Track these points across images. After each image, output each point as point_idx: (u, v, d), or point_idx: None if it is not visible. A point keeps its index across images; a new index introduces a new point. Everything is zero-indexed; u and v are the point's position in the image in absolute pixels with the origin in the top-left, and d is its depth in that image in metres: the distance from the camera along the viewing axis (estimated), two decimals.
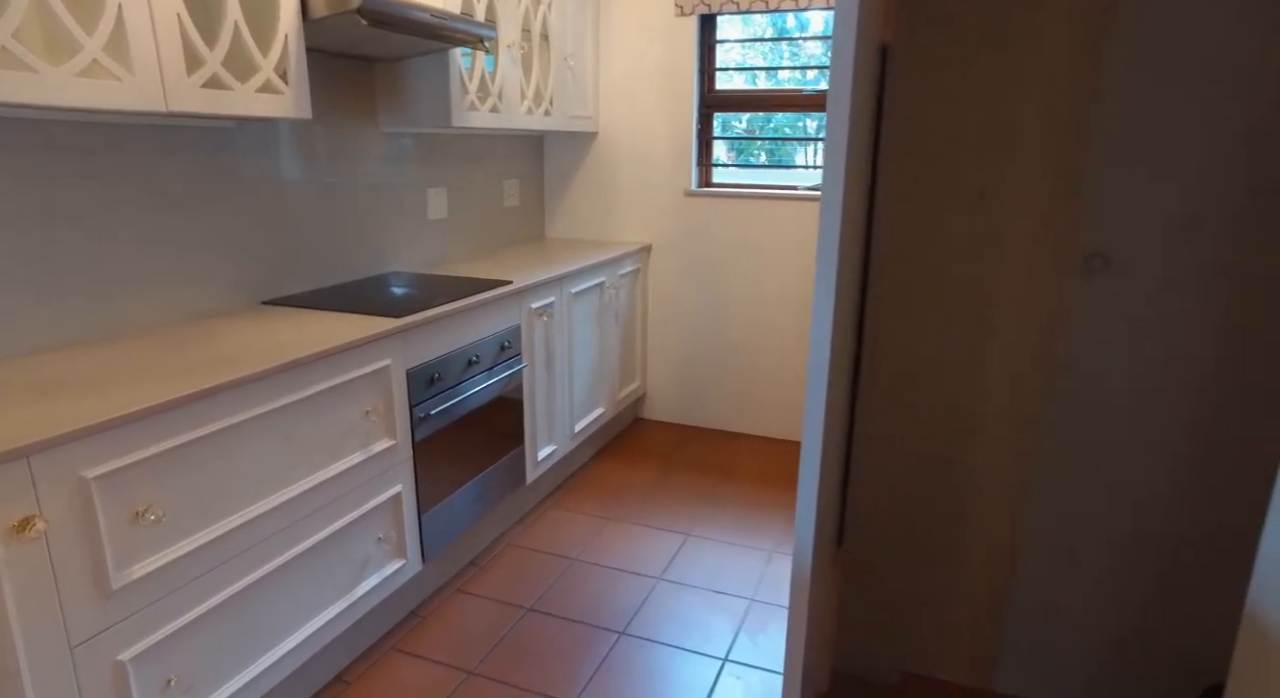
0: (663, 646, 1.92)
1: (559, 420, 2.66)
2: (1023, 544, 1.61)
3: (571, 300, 2.66)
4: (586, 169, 3.30)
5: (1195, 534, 1.47)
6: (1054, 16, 1.36)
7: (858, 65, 1.02)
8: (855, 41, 1.00)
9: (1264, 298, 1.33)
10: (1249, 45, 1.26)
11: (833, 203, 1.02)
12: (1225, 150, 1.31)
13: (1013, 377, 1.53)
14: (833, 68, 0.98)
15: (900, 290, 1.57)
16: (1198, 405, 1.42)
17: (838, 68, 0.98)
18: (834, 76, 0.98)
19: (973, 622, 1.69)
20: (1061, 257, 1.45)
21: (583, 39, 3.00)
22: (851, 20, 0.98)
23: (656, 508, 2.64)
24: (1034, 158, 1.43)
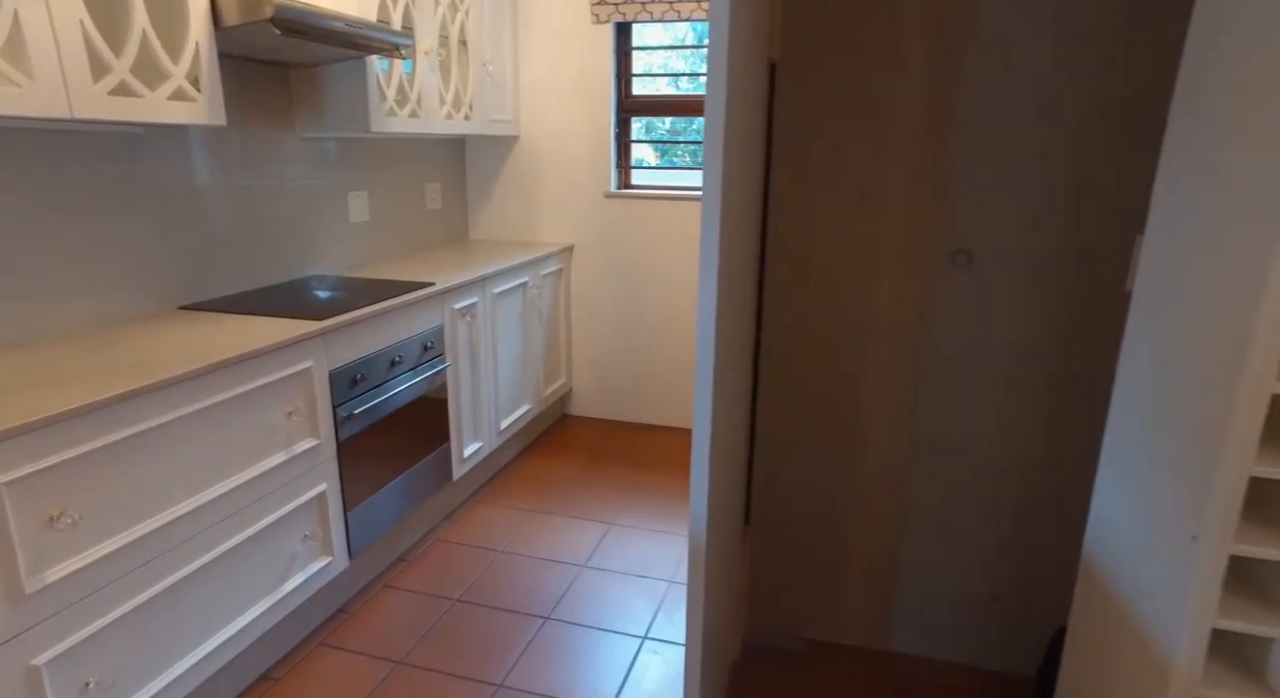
0: (586, 628, 2.01)
1: (485, 418, 2.72)
2: (906, 515, 1.77)
3: (494, 300, 2.72)
4: (508, 171, 3.36)
5: (1047, 498, 1.66)
6: (913, 45, 1.52)
7: (730, 77, 1.14)
8: (727, 55, 1.12)
9: (1097, 286, 1.53)
10: (1089, 65, 1.45)
11: (712, 204, 1.13)
12: (1058, 158, 1.49)
13: (892, 362, 1.69)
14: (709, 81, 1.09)
15: (794, 285, 1.71)
16: (1047, 384, 1.61)
17: (713, 81, 1.09)
18: (710, 89, 1.09)
19: (866, 590, 1.85)
20: (931, 253, 1.61)
21: (501, 45, 3.06)
22: (723, 39, 1.10)
23: (582, 500, 2.74)
24: (904, 165, 1.59)
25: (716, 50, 1.08)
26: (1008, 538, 1.72)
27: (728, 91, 1.09)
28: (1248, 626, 1.09)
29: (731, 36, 1.09)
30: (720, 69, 1.08)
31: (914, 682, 1.79)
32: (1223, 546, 1.07)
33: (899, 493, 1.77)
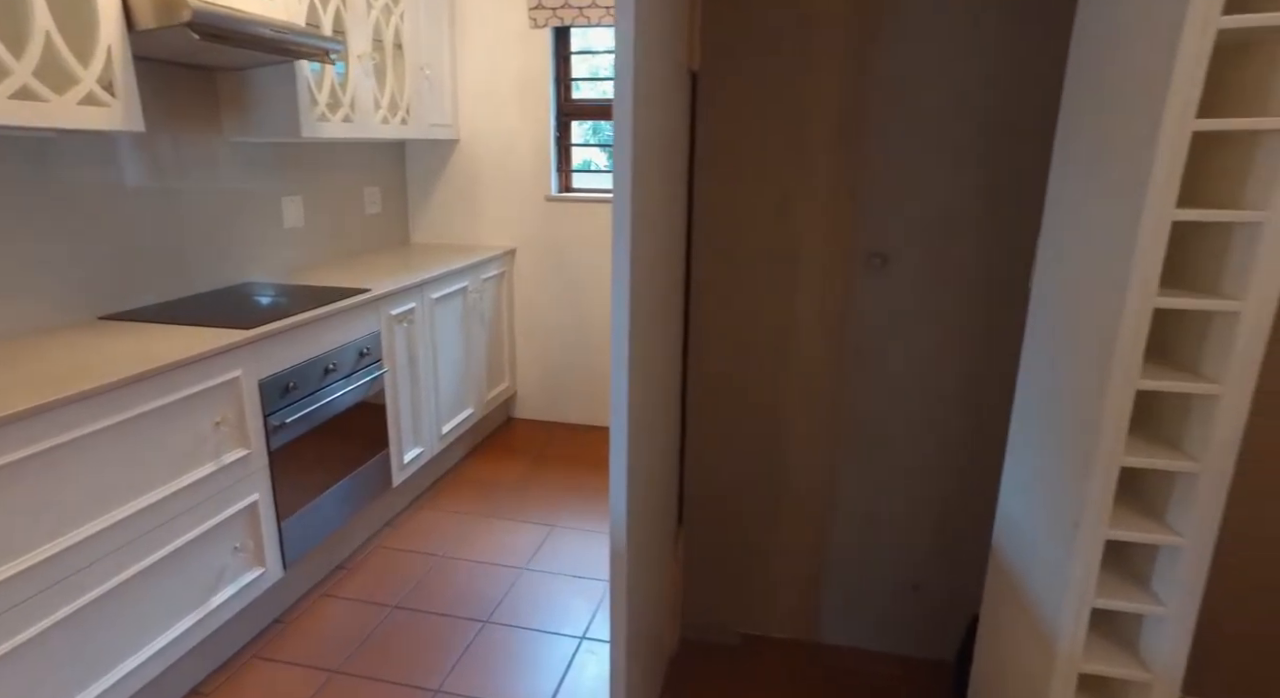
0: (525, 630, 2.03)
1: (425, 423, 2.71)
2: (833, 510, 1.84)
3: (433, 305, 2.71)
4: (449, 175, 3.35)
5: (966, 492, 1.75)
6: (827, 54, 1.58)
7: (636, 84, 1.18)
8: (633, 61, 1.16)
9: (1007, 287, 1.61)
10: (976, 80, 1.53)
11: (622, 208, 1.17)
12: (967, 162, 1.57)
13: (816, 362, 1.75)
14: (616, 88, 1.12)
15: (720, 287, 1.76)
16: (963, 382, 1.69)
17: (620, 88, 1.12)
18: (617, 96, 1.13)
19: (797, 584, 1.91)
20: (849, 256, 1.68)
21: (439, 49, 3.05)
22: (629, 48, 1.14)
23: (525, 502, 2.75)
24: (822, 171, 1.65)
25: (623, 59, 1.11)
26: (929, 530, 1.79)
27: (634, 99, 1.13)
28: (1122, 604, 1.17)
29: (636, 45, 1.13)
30: (626, 77, 1.11)
31: (842, 671, 1.85)
32: (1099, 531, 1.15)
33: (826, 489, 1.83)
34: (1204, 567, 1.12)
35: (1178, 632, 1.16)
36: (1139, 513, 1.21)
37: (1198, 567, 1.12)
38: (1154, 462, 1.11)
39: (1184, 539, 1.12)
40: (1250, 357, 1.04)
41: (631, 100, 1.11)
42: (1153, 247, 1.04)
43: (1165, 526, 1.16)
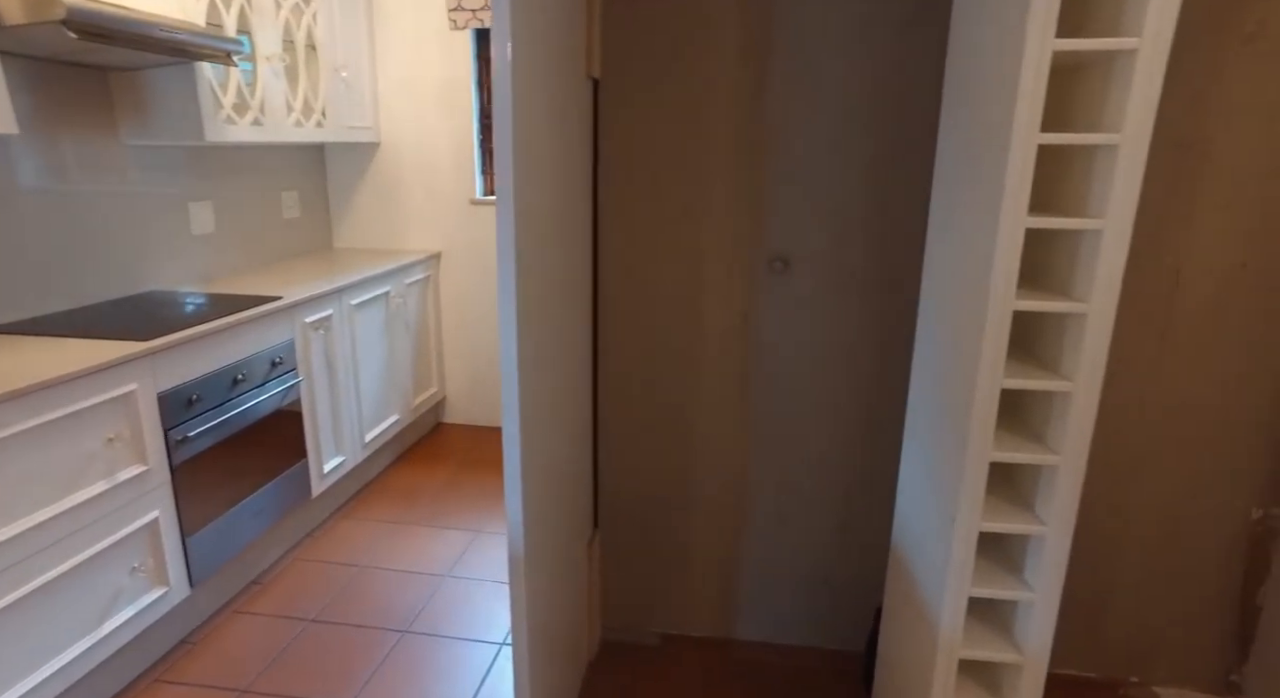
0: (444, 638, 2.02)
1: (347, 431, 2.66)
2: (744, 508, 1.88)
3: (352, 312, 2.67)
4: (371, 179, 3.29)
5: (870, 488, 1.80)
6: (726, 62, 1.61)
7: (516, 88, 1.18)
8: (510, 67, 1.16)
9: (903, 290, 1.67)
10: (866, 91, 1.58)
11: (506, 209, 1.17)
12: (860, 173, 1.62)
13: (723, 365, 1.78)
14: (496, 94, 1.12)
15: (627, 293, 1.78)
16: (864, 382, 1.74)
17: (500, 92, 1.13)
18: (497, 99, 1.13)
19: (712, 582, 1.95)
20: (752, 260, 1.71)
21: (356, 50, 2.99)
22: (505, 51, 1.14)
23: (449, 509, 2.73)
24: (724, 178, 1.68)
25: (500, 64, 1.12)
26: (836, 526, 1.85)
27: (512, 104, 1.13)
28: (996, 592, 1.23)
29: (515, 51, 1.13)
30: (504, 82, 1.12)
31: (757, 666, 1.89)
32: (973, 524, 1.20)
33: (737, 487, 1.86)
34: (1064, 553, 1.19)
35: (1044, 615, 1.22)
36: (1015, 505, 1.27)
37: (1059, 553, 1.19)
38: (1017, 456, 1.17)
39: (1047, 528, 1.19)
40: (1097, 355, 1.11)
41: (510, 104, 1.12)
42: (1009, 252, 1.09)
43: (1035, 516, 1.23)
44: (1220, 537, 1.68)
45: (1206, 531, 1.68)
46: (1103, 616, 1.78)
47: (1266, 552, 1.65)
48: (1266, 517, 1.64)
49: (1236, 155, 1.49)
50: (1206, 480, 1.66)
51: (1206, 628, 1.73)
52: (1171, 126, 1.50)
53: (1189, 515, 1.68)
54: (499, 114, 1.13)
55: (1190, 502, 1.67)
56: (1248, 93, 1.45)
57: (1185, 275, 1.57)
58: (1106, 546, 1.73)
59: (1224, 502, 1.66)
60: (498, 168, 1.15)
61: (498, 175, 1.15)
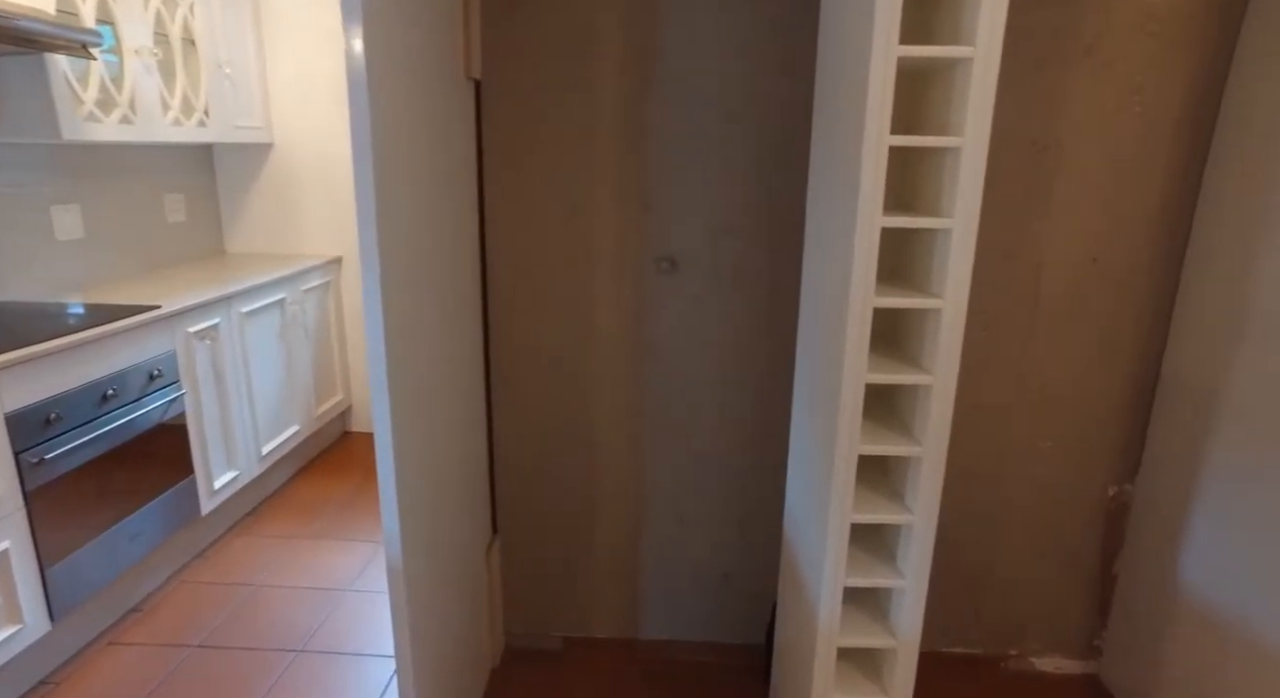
0: (342, 655, 1.95)
1: (240, 444, 2.54)
2: (643, 508, 1.88)
3: (244, 320, 2.54)
4: (266, 180, 3.15)
5: (764, 483, 1.84)
6: (607, 63, 1.61)
7: (372, 89, 1.15)
8: (365, 66, 1.13)
9: (787, 289, 1.71)
10: (745, 96, 1.61)
11: (367, 213, 1.14)
12: (742, 175, 1.65)
13: (615, 364, 1.79)
14: (351, 97, 1.09)
15: (516, 295, 1.76)
16: (750, 379, 1.77)
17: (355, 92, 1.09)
18: (352, 99, 1.10)
19: (614, 583, 1.95)
20: (640, 260, 1.72)
21: (242, 45, 2.86)
22: (359, 50, 1.11)
23: (354, 520, 2.64)
24: (610, 180, 1.68)
25: (355, 65, 1.08)
26: (735, 521, 1.88)
27: (369, 102, 1.10)
28: (869, 581, 1.27)
29: (369, 51, 1.10)
30: (360, 82, 1.08)
31: (661, 665, 1.91)
32: (845, 515, 1.24)
33: (635, 487, 1.87)
34: (930, 540, 1.24)
35: (914, 600, 1.27)
36: (887, 496, 1.32)
37: (925, 540, 1.24)
38: (883, 448, 1.21)
39: (914, 517, 1.24)
40: (953, 348, 1.16)
41: (367, 102, 1.09)
42: (867, 250, 1.13)
43: (904, 506, 1.27)
44: (1083, 514, 1.79)
45: (1072, 509, 1.79)
46: (984, 595, 1.87)
47: (1121, 525, 1.77)
48: (1120, 493, 1.76)
49: (1084, 157, 1.59)
50: (1071, 461, 1.76)
51: (1073, 599, 1.84)
52: (1029, 130, 1.58)
53: (1057, 495, 1.79)
54: (355, 113, 1.10)
55: (1058, 482, 1.78)
56: (1089, 99, 1.55)
57: (1046, 271, 1.67)
58: (986, 529, 1.82)
59: (1085, 481, 1.77)
60: (356, 172, 1.11)
61: (357, 180, 1.12)
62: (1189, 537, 1.57)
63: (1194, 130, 1.55)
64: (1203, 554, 1.53)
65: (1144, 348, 1.68)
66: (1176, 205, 1.60)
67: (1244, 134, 1.46)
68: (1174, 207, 1.60)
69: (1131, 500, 1.76)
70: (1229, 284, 1.48)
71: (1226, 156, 1.51)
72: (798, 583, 1.48)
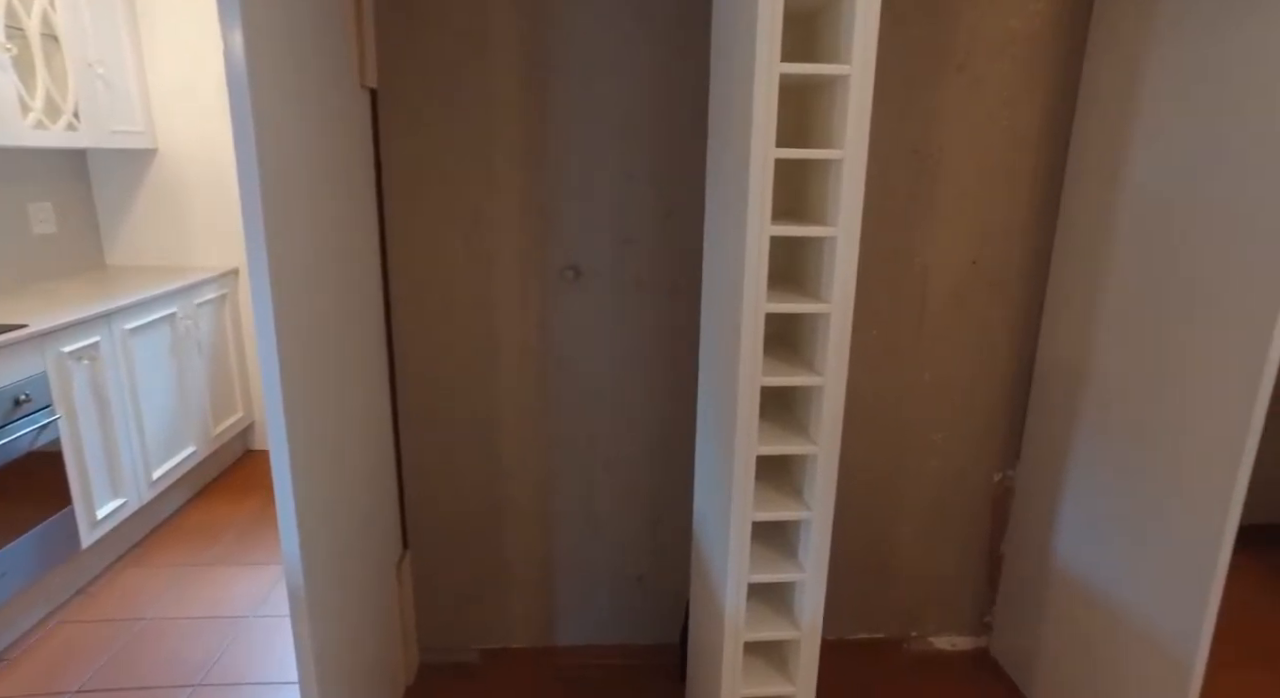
0: (244, 686, 1.86)
1: (127, 470, 2.38)
2: (554, 514, 1.89)
3: (127, 337, 2.39)
4: (150, 189, 2.97)
5: (669, 484, 1.87)
6: (506, 73, 1.61)
7: (255, 95, 1.12)
8: (247, 72, 1.09)
9: (689, 296, 1.75)
10: (643, 107, 1.64)
11: (254, 224, 1.10)
12: (642, 184, 1.68)
13: (522, 373, 1.78)
14: (232, 104, 1.05)
15: (420, 306, 1.73)
16: (656, 383, 1.80)
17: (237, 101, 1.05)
18: (234, 108, 1.06)
19: (528, 591, 1.94)
20: (545, 269, 1.72)
21: (115, 45, 2.68)
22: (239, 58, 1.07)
23: (258, 542, 2.52)
24: (512, 189, 1.67)
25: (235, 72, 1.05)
26: (645, 523, 1.90)
27: (253, 107, 1.06)
28: (773, 576, 1.32)
29: (249, 59, 1.06)
30: (241, 81, 1.05)
31: (578, 670, 1.91)
32: (746, 514, 1.28)
33: (545, 494, 1.87)
34: (827, 533, 1.30)
35: (814, 591, 1.32)
36: (787, 493, 1.37)
37: (823, 534, 1.29)
38: (780, 448, 1.26)
39: (812, 512, 1.29)
40: (841, 350, 1.22)
41: (250, 107, 1.05)
42: (757, 258, 1.17)
43: (803, 502, 1.33)
44: (973, 498, 1.91)
45: (963, 495, 1.91)
46: (885, 581, 1.96)
47: (1005, 508, 1.90)
48: (1004, 478, 1.89)
49: (961, 167, 1.70)
50: (961, 451, 1.88)
51: (966, 580, 1.96)
52: (911, 140, 1.68)
53: (949, 482, 1.90)
54: (237, 119, 1.06)
55: (950, 471, 1.89)
56: (963, 112, 1.66)
57: (932, 273, 1.77)
58: (885, 517, 1.92)
59: (974, 468, 1.89)
60: (241, 177, 1.07)
61: (241, 186, 1.08)
62: (1061, 516, 1.70)
63: (1054, 141, 1.69)
64: (1073, 532, 1.66)
65: (1020, 343, 1.81)
66: (1043, 210, 1.73)
67: (1090, 144, 1.60)
68: (1041, 211, 1.73)
69: (1014, 485, 1.89)
70: (1087, 281, 1.62)
71: (1079, 164, 1.64)
72: (706, 581, 1.51)
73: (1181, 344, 1.36)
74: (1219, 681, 1.87)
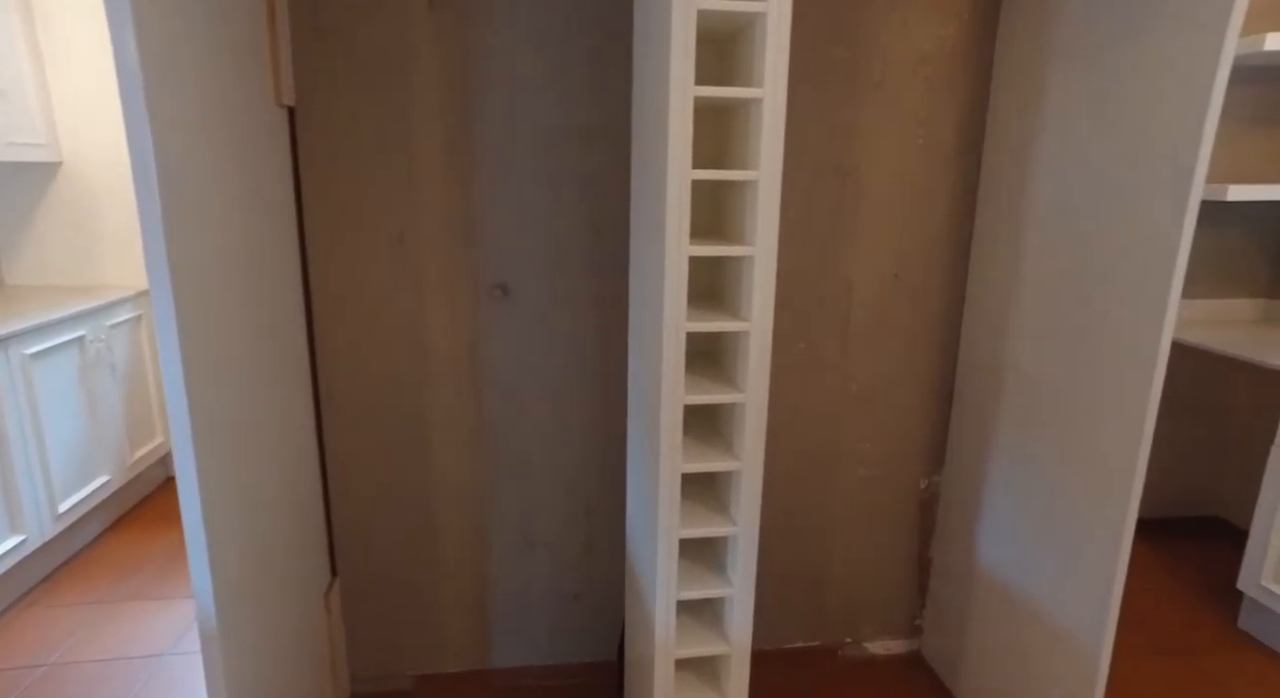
0: None
1: (27, 504, 2.24)
2: (489, 534, 1.86)
3: (28, 363, 2.26)
4: (54, 204, 2.82)
5: (604, 501, 1.87)
6: (429, 91, 1.58)
7: (153, 117, 1.07)
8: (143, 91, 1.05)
9: (613, 313, 1.75)
10: (567, 126, 1.64)
11: (156, 249, 1.05)
12: (569, 203, 1.68)
13: (453, 392, 1.75)
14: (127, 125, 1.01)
15: (346, 328, 1.68)
16: (587, 400, 1.80)
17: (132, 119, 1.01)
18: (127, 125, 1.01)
19: (463, 614, 1.90)
20: (473, 288, 1.70)
21: (11, 53, 2.54)
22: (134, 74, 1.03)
23: (177, 575, 2.41)
24: (438, 205, 1.65)
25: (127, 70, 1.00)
26: (581, 540, 1.89)
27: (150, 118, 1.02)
28: (702, 592, 1.32)
29: (145, 76, 1.02)
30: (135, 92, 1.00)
31: (515, 692, 1.88)
32: (673, 531, 1.28)
33: (479, 515, 1.84)
34: (754, 548, 1.31)
35: (743, 606, 1.33)
36: (714, 509, 1.38)
37: (749, 549, 1.31)
38: (705, 466, 1.27)
39: (738, 528, 1.30)
40: (762, 366, 1.24)
41: (147, 120, 1.01)
42: (678, 278, 1.18)
43: (729, 518, 1.34)
44: (901, 505, 1.96)
45: (892, 502, 1.95)
46: (819, 589, 2.00)
47: (933, 513, 1.96)
48: (931, 483, 1.95)
49: (881, 183, 1.75)
50: (889, 459, 1.93)
51: (897, 585, 2.01)
52: (833, 158, 1.72)
53: (878, 490, 1.94)
54: (132, 132, 1.01)
55: (879, 478, 1.94)
56: (881, 130, 1.72)
57: (856, 286, 1.82)
58: (817, 527, 1.95)
59: (902, 475, 1.94)
60: (139, 195, 1.03)
61: (140, 203, 1.03)
62: (983, 518, 1.76)
63: (967, 158, 1.76)
64: (993, 533, 1.72)
65: (941, 352, 1.87)
66: (960, 223, 1.80)
67: (1000, 159, 1.67)
68: (958, 224, 1.80)
69: (940, 490, 1.95)
70: (1001, 290, 1.68)
71: (991, 179, 1.72)
72: (639, 598, 1.51)
73: (1085, 346, 1.43)
74: (1124, 670, 1.97)
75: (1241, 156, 2.43)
